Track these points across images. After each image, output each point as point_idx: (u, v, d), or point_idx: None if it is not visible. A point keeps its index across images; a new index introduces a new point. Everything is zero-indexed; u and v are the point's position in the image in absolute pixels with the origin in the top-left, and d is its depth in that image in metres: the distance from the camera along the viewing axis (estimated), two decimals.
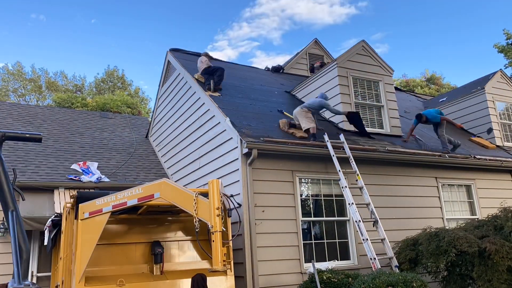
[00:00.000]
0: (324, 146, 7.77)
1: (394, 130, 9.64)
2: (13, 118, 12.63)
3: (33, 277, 8.75)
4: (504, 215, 6.89)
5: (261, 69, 13.91)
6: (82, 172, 10.15)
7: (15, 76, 31.30)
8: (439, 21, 56.15)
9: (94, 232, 5.38)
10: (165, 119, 11.65)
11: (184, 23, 59.50)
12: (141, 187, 5.27)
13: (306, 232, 7.60)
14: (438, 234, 6.69)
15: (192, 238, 6.66)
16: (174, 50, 11.89)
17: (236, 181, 7.31)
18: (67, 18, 50.07)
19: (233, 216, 6.33)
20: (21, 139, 3.01)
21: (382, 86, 9.80)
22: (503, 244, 6.16)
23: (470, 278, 6.59)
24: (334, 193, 7.97)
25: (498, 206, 7.34)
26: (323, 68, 10.02)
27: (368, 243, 6.75)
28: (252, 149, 6.93)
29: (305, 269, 7.00)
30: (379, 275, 5.71)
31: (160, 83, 12.04)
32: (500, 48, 22.16)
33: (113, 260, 6.00)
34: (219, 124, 8.23)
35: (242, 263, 6.76)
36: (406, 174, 8.86)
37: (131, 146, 12.61)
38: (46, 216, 8.09)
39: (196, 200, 4.68)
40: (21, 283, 2.23)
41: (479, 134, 11.83)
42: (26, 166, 9.88)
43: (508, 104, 12.26)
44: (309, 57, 14.06)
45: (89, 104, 25.81)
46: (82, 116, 14.25)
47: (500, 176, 10.19)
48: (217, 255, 4.38)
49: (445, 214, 9.08)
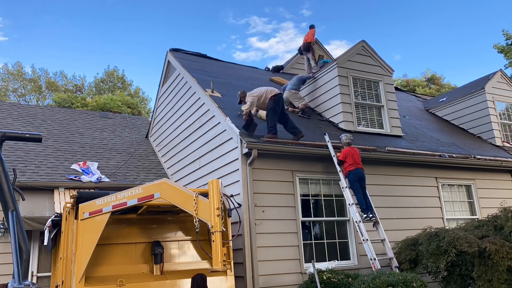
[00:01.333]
0: (324, 146, 7.78)
1: (394, 130, 9.64)
2: (13, 118, 12.63)
3: (33, 277, 8.75)
4: (504, 215, 6.89)
5: (261, 69, 13.91)
6: (82, 172, 10.15)
7: (15, 76, 31.30)
8: (438, 20, 56.19)
9: (94, 232, 5.38)
10: (165, 119, 11.65)
11: (185, 22, 59.51)
12: (141, 187, 5.27)
13: (306, 232, 7.60)
14: (438, 234, 6.70)
15: (192, 238, 6.65)
16: (174, 50, 11.89)
17: (236, 181, 7.31)
18: (67, 18, 50.07)
19: (233, 216, 6.33)
20: (21, 139, 3.01)
21: (382, 86, 9.80)
22: (503, 244, 6.16)
23: (470, 278, 6.59)
24: (334, 193, 7.97)
25: (498, 206, 7.34)
26: (324, 68, 10.02)
27: (368, 243, 6.75)
28: (252, 149, 6.93)
29: (305, 269, 7.01)
30: (379, 275, 5.71)
31: (160, 83, 12.04)
32: (500, 49, 22.18)
33: (113, 260, 6.00)
34: (219, 124, 8.24)
35: (242, 263, 6.76)
36: (406, 174, 8.86)
37: (131, 146, 12.61)
38: (46, 216, 8.09)
39: (196, 200, 4.68)
40: (21, 283, 2.23)
41: (479, 134, 11.84)
42: (26, 166, 9.88)
43: (508, 104, 12.26)
44: None
45: (89, 104, 25.81)
46: (82, 116, 14.25)
47: (500, 176, 10.19)
48: (217, 255, 4.38)
49: (445, 214, 9.08)
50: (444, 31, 56.29)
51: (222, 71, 11.58)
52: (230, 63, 13.34)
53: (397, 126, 9.74)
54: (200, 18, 58.58)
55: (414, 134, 10.40)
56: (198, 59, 12.02)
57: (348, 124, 9.07)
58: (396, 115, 9.84)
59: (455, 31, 56.29)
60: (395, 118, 9.78)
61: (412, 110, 13.28)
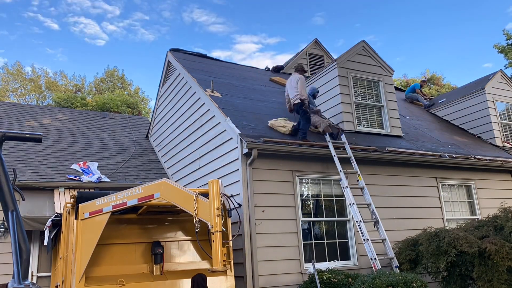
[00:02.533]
0: (324, 146, 7.78)
1: (394, 130, 9.63)
2: (13, 118, 12.63)
3: (33, 277, 8.75)
4: (504, 215, 6.88)
5: (261, 69, 13.92)
6: (82, 172, 10.15)
7: (15, 76, 31.30)
8: (439, 18, 56.19)
9: (94, 232, 5.38)
10: (165, 119, 11.65)
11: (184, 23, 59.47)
12: (141, 187, 5.26)
13: (306, 232, 7.60)
14: (438, 234, 6.70)
15: (192, 238, 6.65)
16: (175, 50, 11.90)
17: (236, 181, 7.31)
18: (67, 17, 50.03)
19: (233, 216, 6.32)
20: (21, 139, 3.01)
21: (382, 86, 9.80)
22: (503, 244, 6.16)
23: (470, 278, 6.59)
24: (334, 193, 7.97)
25: (498, 206, 7.34)
26: (324, 68, 10.03)
27: (368, 243, 6.75)
28: (252, 149, 6.93)
29: (305, 269, 7.01)
30: (379, 275, 5.71)
31: (160, 83, 12.04)
32: (500, 49, 22.19)
33: (113, 260, 5.99)
34: (219, 124, 8.23)
35: (242, 263, 6.76)
36: (406, 174, 8.86)
37: (131, 146, 12.61)
38: (46, 216, 8.10)
39: (196, 200, 4.68)
40: (21, 283, 2.23)
41: (479, 135, 11.84)
42: (26, 166, 9.88)
43: (508, 104, 12.26)
44: (309, 57, 14.05)
45: (89, 104, 25.80)
46: (82, 116, 14.25)
47: (500, 176, 10.19)
48: (217, 255, 4.38)
49: (445, 214, 9.07)
50: (445, 29, 56.31)
51: (222, 71, 11.58)
52: (230, 63, 13.35)
53: (397, 126, 9.74)
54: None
55: (414, 134, 10.40)
56: (198, 59, 12.03)
57: (348, 124, 9.07)
58: (396, 115, 9.83)
59: (455, 31, 56.30)
60: (395, 118, 9.78)
61: (412, 110, 13.28)
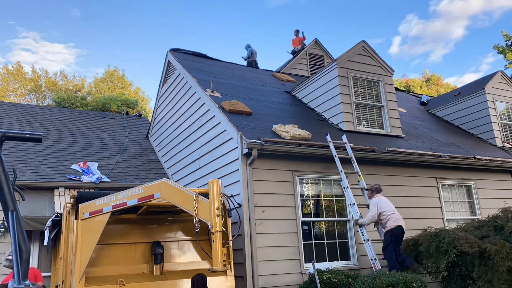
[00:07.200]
0: (324, 146, 7.77)
1: (394, 130, 9.63)
2: (13, 118, 12.63)
3: None
4: (504, 215, 6.88)
5: (261, 69, 13.91)
6: (82, 172, 10.15)
7: (15, 76, 31.29)
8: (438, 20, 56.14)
9: (94, 232, 5.38)
10: (165, 119, 11.65)
11: (185, 22, 59.54)
12: (141, 187, 5.26)
13: (306, 232, 7.60)
14: (439, 234, 6.69)
15: (192, 238, 6.65)
16: (175, 50, 11.90)
17: (236, 181, 7.31)
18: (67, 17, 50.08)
19: (233, 216, 6.32)
20: (21, 139, 3.00)
21: (382, 86, 9.80)
22: (504, 244, 6.16)
23: (470, 278, 6.59)
24: (334, 193, 7.97)
25: (498, 207, 7.34)
26: (324, 68, 10.02)
27: (369, 243, 6.75)
28: (252, 149, 6.93)
29: (305, 269, 7.00)
30: (379, 276, 5.71)
31: (160, 83, 12.04)
32: (500, 49, 22.20)
33: (113, 260, 6.00)
34: (219, 124, 8.23)
35: (242, 263, 6.76)
36: (406, 174, 8.85)
37: (131, 146, 12.61)
38: (46, 216, 8.09)
39: (197, 200, 4.68)
40: (21, 283, 2.23)
41: (479, 135, 11.84)
42: (26, 166, 9.88)
43: (508, 104, 12.26)
44: (309, 57, 14.06)
45: (89, 103, 25.79)
46: (82, 116, 14.25)
47: (500, 176, 10.18)
48: (217, 255, 4.38)
49: (445, 214, 9.07)
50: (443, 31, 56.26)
51: (222, 71, 11.58)
52: (230, 63, 13.34)
53: (397, 126, 9.73)
54: (200, 17, 58.57)
55: (414, 134, 10.40)
56: (198, 59, 12.03)
57: (348, 124, 9.07)
58: (397, 115, 9.83)
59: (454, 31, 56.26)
60: (395, 118, 9.77)
61: (412, 110, 13.28)
